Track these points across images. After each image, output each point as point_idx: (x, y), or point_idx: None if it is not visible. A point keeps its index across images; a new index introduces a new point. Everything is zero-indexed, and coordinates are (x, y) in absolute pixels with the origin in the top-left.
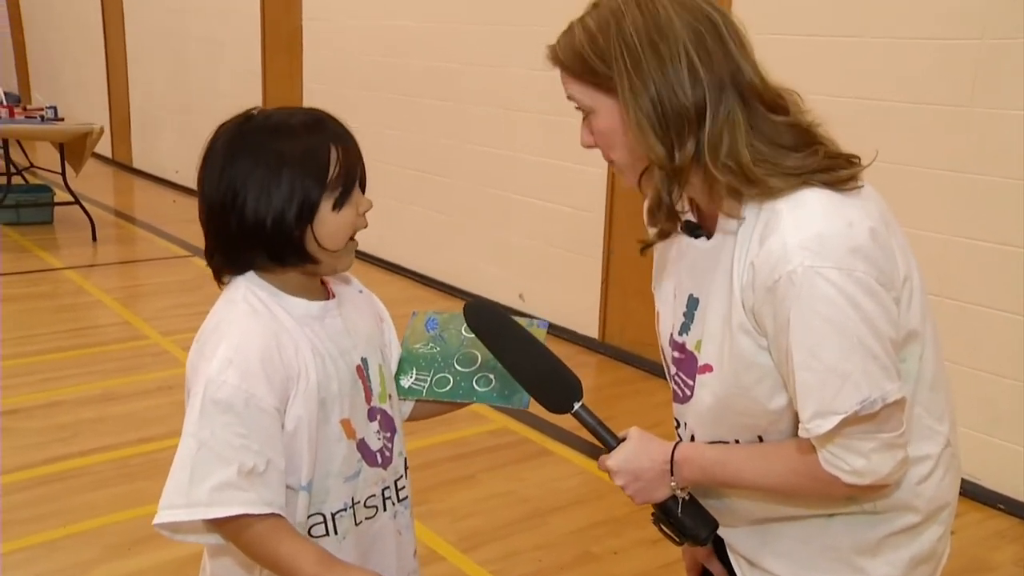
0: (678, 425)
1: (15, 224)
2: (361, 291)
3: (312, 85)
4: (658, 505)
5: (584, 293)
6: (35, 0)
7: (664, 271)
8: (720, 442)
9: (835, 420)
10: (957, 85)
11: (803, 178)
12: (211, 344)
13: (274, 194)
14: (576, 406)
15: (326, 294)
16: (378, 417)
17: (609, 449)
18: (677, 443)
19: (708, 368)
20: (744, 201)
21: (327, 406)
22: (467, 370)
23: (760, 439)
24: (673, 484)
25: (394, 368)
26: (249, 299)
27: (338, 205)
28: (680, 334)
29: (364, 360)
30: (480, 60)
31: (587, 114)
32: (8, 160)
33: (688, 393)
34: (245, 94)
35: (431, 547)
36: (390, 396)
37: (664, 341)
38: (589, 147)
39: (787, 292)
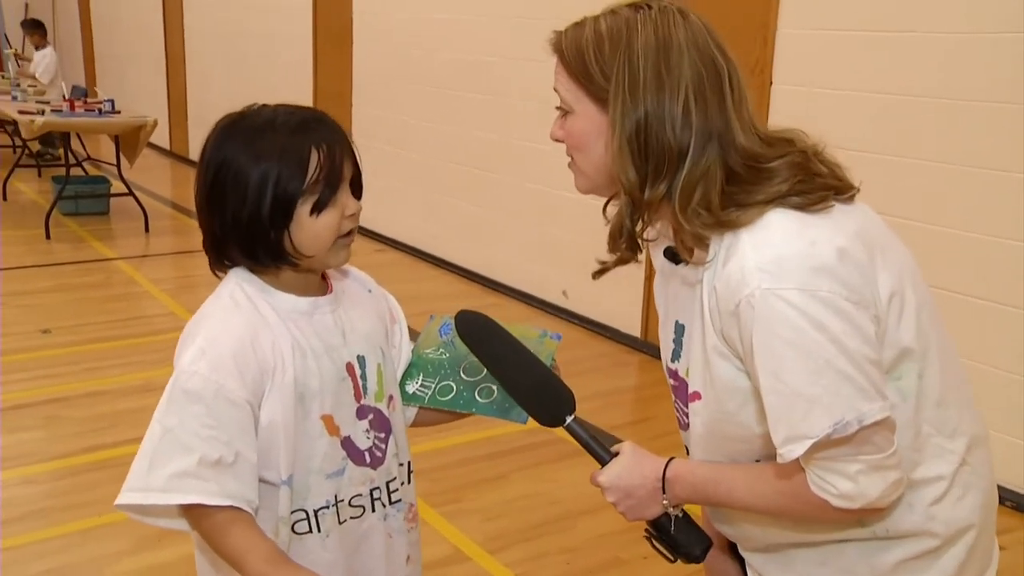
0: (688, 452)
1: (74, 214)
2: (371, 291)
3: (361, 78)
4: (651, 522)
5: (627, 291)
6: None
7: (658, 297)
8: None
9: (807, 444)
10: (1006, 81)
11: (774, 203)
12: (190, 337)
13: (248, 190)
14: (568, 419)
15: (325, 291)
16: (369, 416)
17: (602, 464)
18: (670, 460)
19: (697, 396)
20: (711, 239)
21: (306, 401)
22: (472, 379)
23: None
24: (665, 502)
25: (400, 371)
26: (235, 294)
27: (317, 209)
28: (673, 361)
29: (360, 358)
30: (525, 55)
31: (566, 112)
32: (68, 152)
33: (686, 421)
34: (297, 87)
35: (458, 547)
36: (390, 397)
37: (664, 368)
38: (558, 140)
39: (747, 316)
